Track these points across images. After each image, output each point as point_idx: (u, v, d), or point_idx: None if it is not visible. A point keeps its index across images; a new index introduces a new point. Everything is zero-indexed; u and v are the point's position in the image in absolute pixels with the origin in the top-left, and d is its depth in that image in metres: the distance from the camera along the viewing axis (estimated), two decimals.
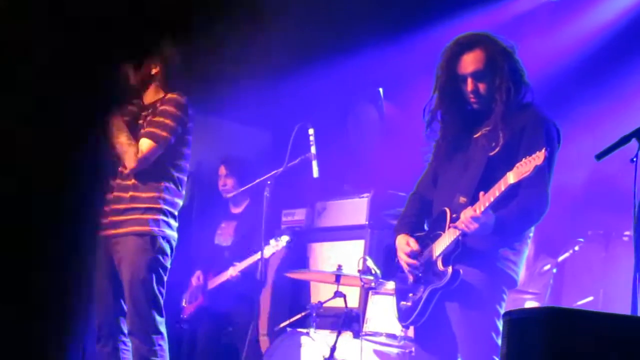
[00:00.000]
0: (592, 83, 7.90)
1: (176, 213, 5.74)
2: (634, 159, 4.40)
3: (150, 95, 5.80)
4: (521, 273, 4.81)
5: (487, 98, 4.78)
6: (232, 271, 7.98)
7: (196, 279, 8.27)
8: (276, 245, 7.67)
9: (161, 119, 5.62)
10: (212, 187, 8.69)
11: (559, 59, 8.03)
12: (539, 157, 4.25)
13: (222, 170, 8.31)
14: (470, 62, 4.79)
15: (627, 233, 7.43)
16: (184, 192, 5.78)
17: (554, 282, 7.62)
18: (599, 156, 4.46)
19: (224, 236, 8.33)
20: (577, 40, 8.06)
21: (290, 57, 8.82)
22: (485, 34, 4.87)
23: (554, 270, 7.60)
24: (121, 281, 5.66)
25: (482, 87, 4.79)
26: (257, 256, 7.42)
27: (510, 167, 4.35)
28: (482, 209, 4.44)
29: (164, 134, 5.60)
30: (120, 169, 5.69)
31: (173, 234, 5.71)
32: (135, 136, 5.62)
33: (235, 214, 8.29)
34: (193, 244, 8.58)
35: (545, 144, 4.47)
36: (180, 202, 5.76)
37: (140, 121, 5.74)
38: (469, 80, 4.79)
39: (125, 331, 5.69)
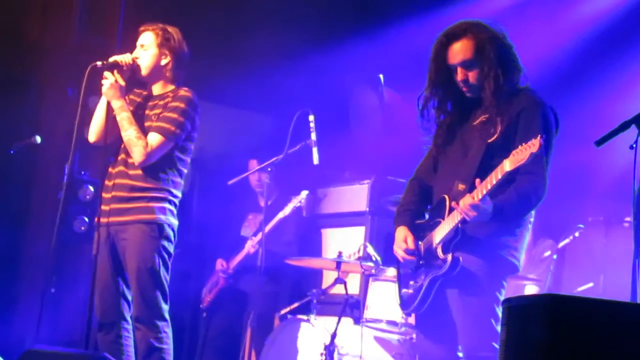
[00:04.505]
0: (594, 68, 7.89)
1: (178, 203, 5.76)
2: (634, 145, 4.39)
3: (159, 87, 5.81)
4: (522, 258, 4.81)
5: (477, 86, 4.79)
6: (250, 245, 8.03)
7: (219, 264, 8.31)
8: (296, 201, 7.75)
9: (174, 115, 5.64)
10: (214, 174, 8.70)
11: (562, 43, 8.02)
12: (534, 145, 4.24)
13: (255, 164, 8.21)
14: (458, 51, 4.79)
15: (627, 219, 7.43)
16: (183, 183, 5.81)
17: (554, 268, 7.62)
18: (599, 142, 4.45)
19: (251, 228, 8.35)
20: (580, 25, 8.04)
21: (292, 43, 8.81)
22: (473, 22, 4.85)
23: (555, 257, 7.60)
24: (124, 268, 5.66)
25: (471, 75, 4.79)
26: (272, 224, 7.86)
27: (508, 154, 4.34)
28: (480, 196, 4.44)
29: (175, 130, 5.63)
30: (122, 157, 5.70)
31: (176, 222, 5.74)
32: (140, 126, 5.63)
33: (264, 207, 8.25)
34: (215, 234, 8.63)
35: (541, 130, 4.48)
36: (181, 195, 5.79)
37: (147, 111, 5.75)
38: (459, 70, 4.80)
39: (128, 318, 5.69)
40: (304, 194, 7.96)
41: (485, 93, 4.74)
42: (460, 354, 4.78)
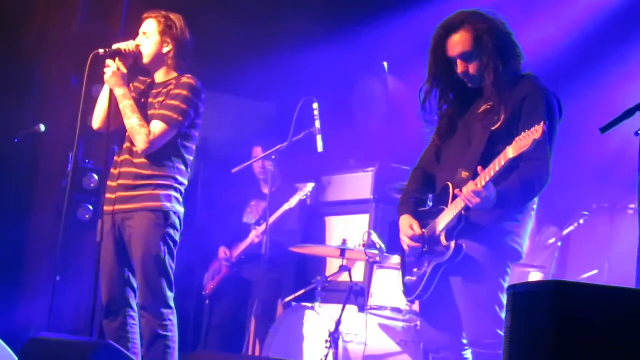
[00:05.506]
0: (599, 54, 7.87)
1: (184, 191, 5.75)
2: (639, 132, 4.38)
3: (162, 75, 5.80)
4: (525, 245, 4.81)
5: (478, 77, 4.77)
6: (254, 235, 8.02)
7: (223, 252, 8.31)
8: (302, 194, 7.74)
9: (176, 103, 5.61)
10: (218, 162, 8.70)
11: (567, 30, 7.99)
12: (537, 131, 4.23)
13: (259, 152, 8.19)
14: (456, 44, 4.76)
15: (632, 206, 7.43)
16: (189, 172, 5.79)
17: (559, 255, 7.62)
18: (604, 129, 4.44)
19: (254, 214, 8.34)
20: (585, 11, 8.01)
21: (295, 30, 8.80)
22: (470, 12, 4.82)
23: (559, 244, 7.60)
24: (129, 256, 5.66)
25: (471, 67, 4.77)
26: (277, 215, 7.80)
27: (511, 141, 4.34)
28: (483, 183, 4.44)
29: (178, 117, 5.60)
30: (127, 145, 5.69)
31: (182, 210, 5.72)
32: (143, 114, 5.63)
33: (266, 194, 8.25)
34: (218, 222, 8.64)
35: (545, 117, 4.47)
36: (187, 182, 5.77)
37: (150, 99, 5.74)
38: (458, 62, 4.78)
39: (134, 306, 5.70)
40: (310, 186, 7.95)
41: (486, 83, 4.73)
42: (465, 341, 4.78)
